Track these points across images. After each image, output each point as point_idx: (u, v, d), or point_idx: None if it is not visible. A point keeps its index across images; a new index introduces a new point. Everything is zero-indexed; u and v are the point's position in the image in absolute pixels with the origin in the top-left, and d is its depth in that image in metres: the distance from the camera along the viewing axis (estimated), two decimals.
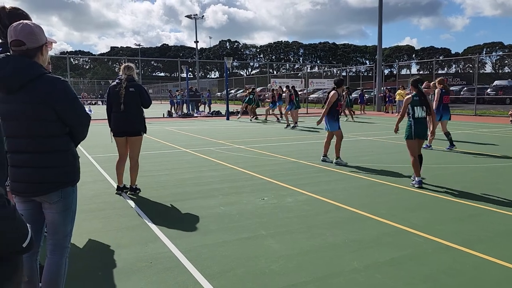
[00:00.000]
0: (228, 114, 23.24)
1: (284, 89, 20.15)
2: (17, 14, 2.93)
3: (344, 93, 21.76)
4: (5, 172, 1.48)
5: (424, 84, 13.08)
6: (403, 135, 6.62)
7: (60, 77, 2.45)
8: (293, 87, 19.69)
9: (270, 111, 21.24)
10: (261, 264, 3.60)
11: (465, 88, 36.50)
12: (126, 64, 5.95)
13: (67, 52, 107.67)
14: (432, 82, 13.02)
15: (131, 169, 6.04)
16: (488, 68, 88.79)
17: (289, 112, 17.81)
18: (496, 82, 38.03)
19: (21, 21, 2.38)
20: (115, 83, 5.89)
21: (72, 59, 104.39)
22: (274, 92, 20.86)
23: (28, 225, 1.41)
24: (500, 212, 5.05)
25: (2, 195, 1.29)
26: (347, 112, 21.83)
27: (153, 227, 4.62)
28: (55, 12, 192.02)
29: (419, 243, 4.05)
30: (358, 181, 6.86)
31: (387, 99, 28.11)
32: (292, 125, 17.24)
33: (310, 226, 4.61)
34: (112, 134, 5.99)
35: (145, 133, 6.03)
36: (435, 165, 8.18)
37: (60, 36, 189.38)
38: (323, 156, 8.71)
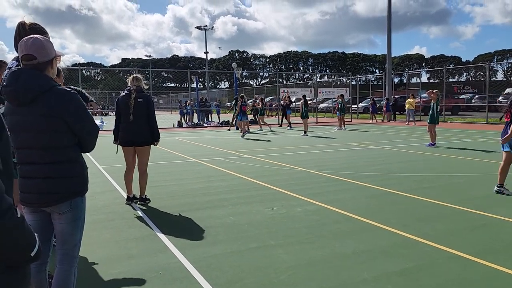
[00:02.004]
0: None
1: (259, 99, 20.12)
2: (36, 30, 3.00)
3: (338, 100, 21.44)
4: (12, 181, 1.50)
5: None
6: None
7: (70, 89, 2.49)
8: (304, 96, 19.71)
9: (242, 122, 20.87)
10: (270, 275, 3.58)
11: (476, 96, 36.26)
12: (135, 75, 5.98)
13: (79, 64, 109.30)
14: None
15: (140, 178, 6.07)
16: (500, 76, 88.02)
17: (241, 122, 17.76)
18: (507, 90, 37.61)
19: (31, 36, 2.43)
20: (124, 94, 5.93)
21: (84, 71, 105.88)
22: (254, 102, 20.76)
23: (35, 234, 1.43)
24: None
25: (11, 205, 1.31)
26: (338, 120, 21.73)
27: (163, 237, 4.63)
28: (68, 25, 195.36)
29: (430, 253, 4.00)
30: (368, 190, 6.81)
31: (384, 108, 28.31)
32: (244, 133, 17.35)
33: (319, 236, 4.58)
34: (118, 144, 6.03)
35: (157, 141, 6.04)
36: (447, 174, 8.10)
37: (73, 48, 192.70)
38: (498, 187, 6.48)
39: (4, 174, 1.40)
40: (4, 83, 2.39)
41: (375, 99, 30.29)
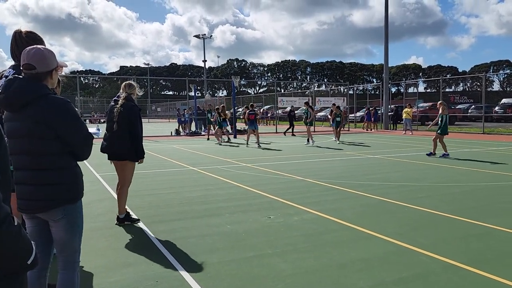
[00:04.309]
0: (236, 132, 23.35)
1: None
2: (33, 38, 3.05)
3: (334, 111, 19.11)
4: (9, 189, 1.52)
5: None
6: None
7: (64, 97, 2.52)
8: (306, 103, 19.32)
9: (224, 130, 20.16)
10: (267, 284, 3.59)
11: (473, 106, 36.49)
12: (128, 81, 5.50)
13: (77, 71, 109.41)
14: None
15: (118, 195, 5.54)
16: (496, 86, 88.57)
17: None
18: (504, 100, 37.93)
19: (34, 46, 2.50)
20: (113, 102, 5.44)
21: (82, 78, 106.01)
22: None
23: (32, 242, 1.44)
24: (507, 232, 5.00)
25: (8, 214, 1.32)
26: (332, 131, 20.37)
27: (159, 245, 4.64)
28: (68, 33, 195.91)
29: (426, 262, 4.02)
30: (365, 199, 6.84)
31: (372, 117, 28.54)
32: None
33: (316, 245, 4.60)
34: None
35: (135, 160, 5.40)
36: (443, 184, 8.14)
37: (72, 56, 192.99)
38: None
39: (1, 183, 1.42)
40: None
41: (373, 108, 30.39)
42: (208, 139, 21.53)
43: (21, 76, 2.45)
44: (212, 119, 20.55)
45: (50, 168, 2.47)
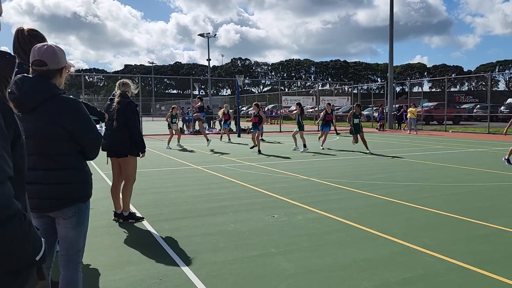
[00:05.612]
0: (239, 131, 23.36)
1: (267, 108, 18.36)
2: (35, 36, 3.04)
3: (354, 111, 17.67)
4: (24, 188, 1.52)
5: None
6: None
7: (75, 97, 2.51)
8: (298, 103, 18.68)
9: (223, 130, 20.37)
10: (271, 283, 3.57)
11: (478, 106, 36.35)
12: (122, 80, 5.57)
13: (82, 70, 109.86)
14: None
15: (122, 192, 5.63)
16: (501, 86, 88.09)
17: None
18: (509, 100, 37.70)
19: (46, 43, 2.50)
20: (109, 101, 5.54)
21: (86, 77, 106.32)
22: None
23: (42, 239, 1.44)
24: None
25: (19, 210, 1.32)
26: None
27: (163, 244, 4.63)
28: (73, 31, 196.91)
29: (431, 263, 3.99)
30: (370, 199, 6.81)
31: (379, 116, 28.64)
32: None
33: (320, 244, 4.57)
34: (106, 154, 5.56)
35: (136, 154, 5.52)
36: (448, 184, 8.09)
37: (77, 54, 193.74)
38: None
39: (16, 181, 1.42)
40: (8, 90, 2.42)
41: (383, 106, 30.29)
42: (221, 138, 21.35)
43: (30, 76, 2.43)
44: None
45: (62, 167, 2.47)
